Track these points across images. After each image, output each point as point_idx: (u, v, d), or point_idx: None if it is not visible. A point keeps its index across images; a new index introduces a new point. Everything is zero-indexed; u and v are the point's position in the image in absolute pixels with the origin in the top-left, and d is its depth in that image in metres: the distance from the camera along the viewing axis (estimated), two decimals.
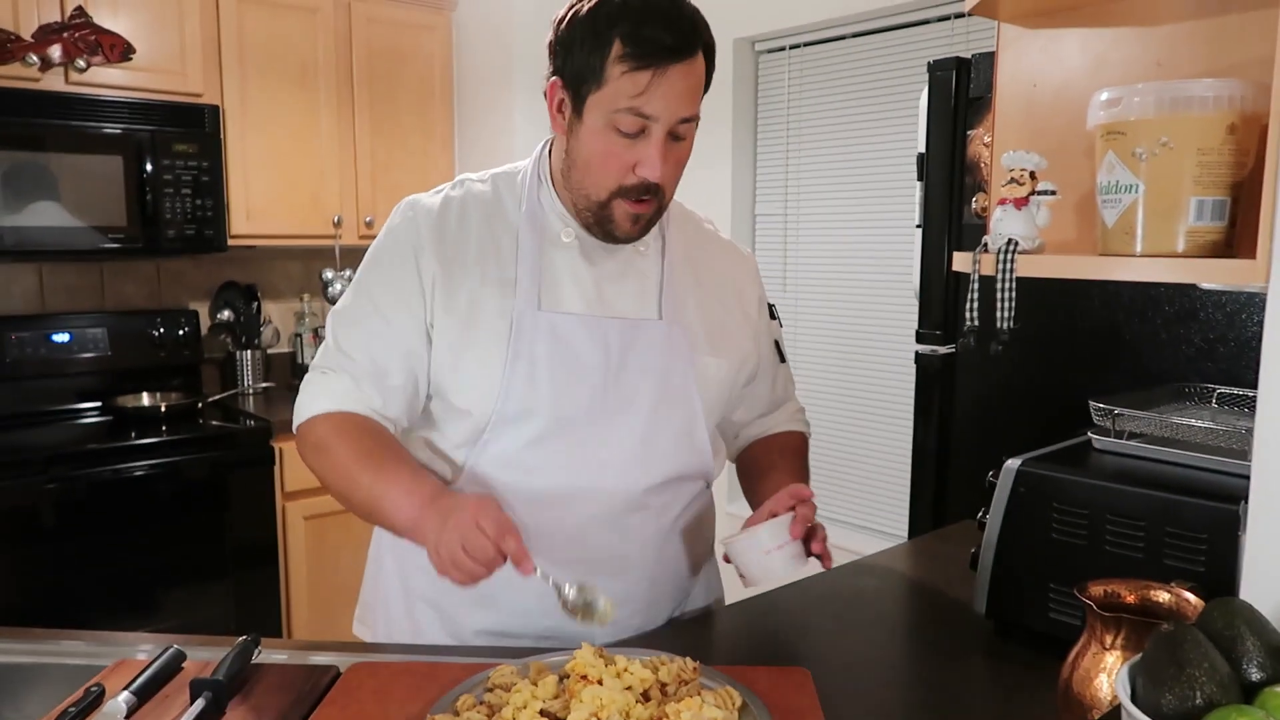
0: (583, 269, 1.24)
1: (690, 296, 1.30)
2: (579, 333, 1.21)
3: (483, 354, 1.20)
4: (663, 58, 1.07)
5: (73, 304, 3.07)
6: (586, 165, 1.16)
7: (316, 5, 3.12)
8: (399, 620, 1.34)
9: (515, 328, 1.19)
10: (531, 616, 1.24)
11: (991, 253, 1.04)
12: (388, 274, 1.24)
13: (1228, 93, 0.91)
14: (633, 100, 1.08)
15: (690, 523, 1.34)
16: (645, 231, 1.21)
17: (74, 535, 2.55)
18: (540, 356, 1.20)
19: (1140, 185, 0.94)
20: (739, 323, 1.35)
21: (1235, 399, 1.40)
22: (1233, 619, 0.78)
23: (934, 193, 2.09)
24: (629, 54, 1.07)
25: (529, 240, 1.23)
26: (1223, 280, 1.19)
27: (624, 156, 1.12)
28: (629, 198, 1.15)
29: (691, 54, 1.09)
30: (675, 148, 1.14)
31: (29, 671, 1.15)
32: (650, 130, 1.10)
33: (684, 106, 1.10)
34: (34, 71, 2.61)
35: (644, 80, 1.07)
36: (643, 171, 1.12)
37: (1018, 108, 1.20)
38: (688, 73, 1.09)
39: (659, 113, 1.09)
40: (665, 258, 1.29)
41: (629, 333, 1.23)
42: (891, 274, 3.06)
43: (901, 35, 2.98)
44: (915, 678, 1.23)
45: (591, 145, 1.14)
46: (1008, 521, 1.23)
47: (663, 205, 1.19)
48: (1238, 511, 1.03)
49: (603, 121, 1.11)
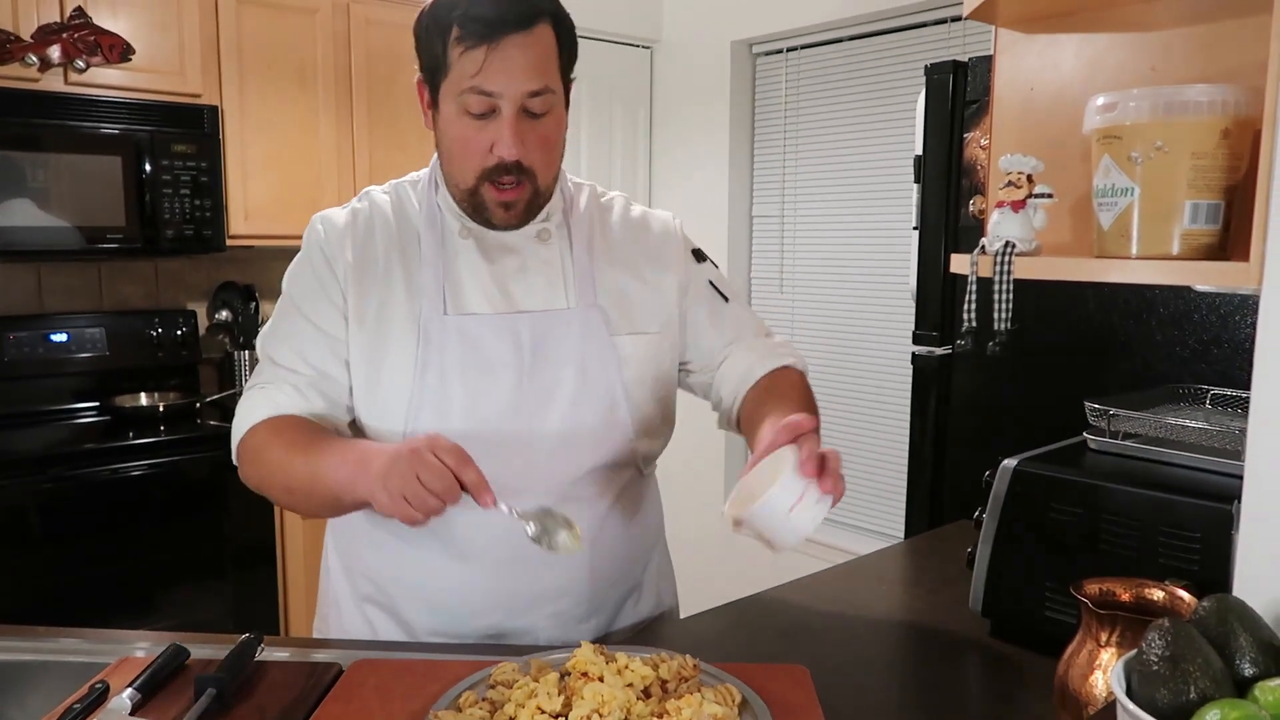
0: (483, 269, 1.22)
1: (602, 278, 1.27)
2: (487, 334, 1.20)
3: (395, 365, 1.20)
4: (493, 31, 1.07)
5: (71, 304, 3.07)
6: (449, 154, 1.17)
7: (315, 7, 3.12)
8: (353, 621, 1.33)
9: (423, 335, 1.19)
10: (478, 615, 1.24)
11: (989, 255, 1.05)
12: (308, 284, 1.25)
13: (1221, 98, 0.92)
14: (473, 79, 1.09)
15: (627, 508, 1.31)
16: (525, 218, 1.20)
17: (72, 535, 2.55)
18: (451, 364, 1.19)
19: (1136, 188, 0.95)
20: (659, 291, 1.31)
21: (1229, 400, 1.41)
22: (1226, 615, 0.79)
23: (931, 195, 2.11)
24: (463, 34, 1.08)
25: (429, 244, 1.23)
26: (1217, 282, 1.20)
27: (478, 139, 1.12)
28: (493, 181, 1.14)
29: (525, 25, 1.09)
30: (534, 125, 1.13)
31: (32, 669, 1.15)
32: (499, 108, 1.10)
33: (527, 79, 1.09)
34: (33, 72, 2.61)
35: (479, 57, 1.08)
36: (499, 151, 1.11)
37: (1015, 111, 1.21)
38: (526, 44, 1.09)
39: (501, 88, 1.09)
40: (572, 242, 1.27)
41: (540, 326, 1.21)
42: (888, 275, 3.07)
43: (898, 38, 2.99)
44: (912, 675, 1.24)
45: (449, 133, 1.15)
46: (1004, 521, 1.25)
47: (539, 189, 1.18)
48: (1231, 511, 1.04)
49: (455, 107, 1.12)
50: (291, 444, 1.16)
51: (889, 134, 3.03)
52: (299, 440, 1.17)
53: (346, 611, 1.34)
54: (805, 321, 3.35)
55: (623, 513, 1.31)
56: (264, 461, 1.19)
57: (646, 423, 1.30)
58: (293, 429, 1.19)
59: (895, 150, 3.00)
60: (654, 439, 1.33)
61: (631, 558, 1.35)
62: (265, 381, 1.24)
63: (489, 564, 1.23)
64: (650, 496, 1.39)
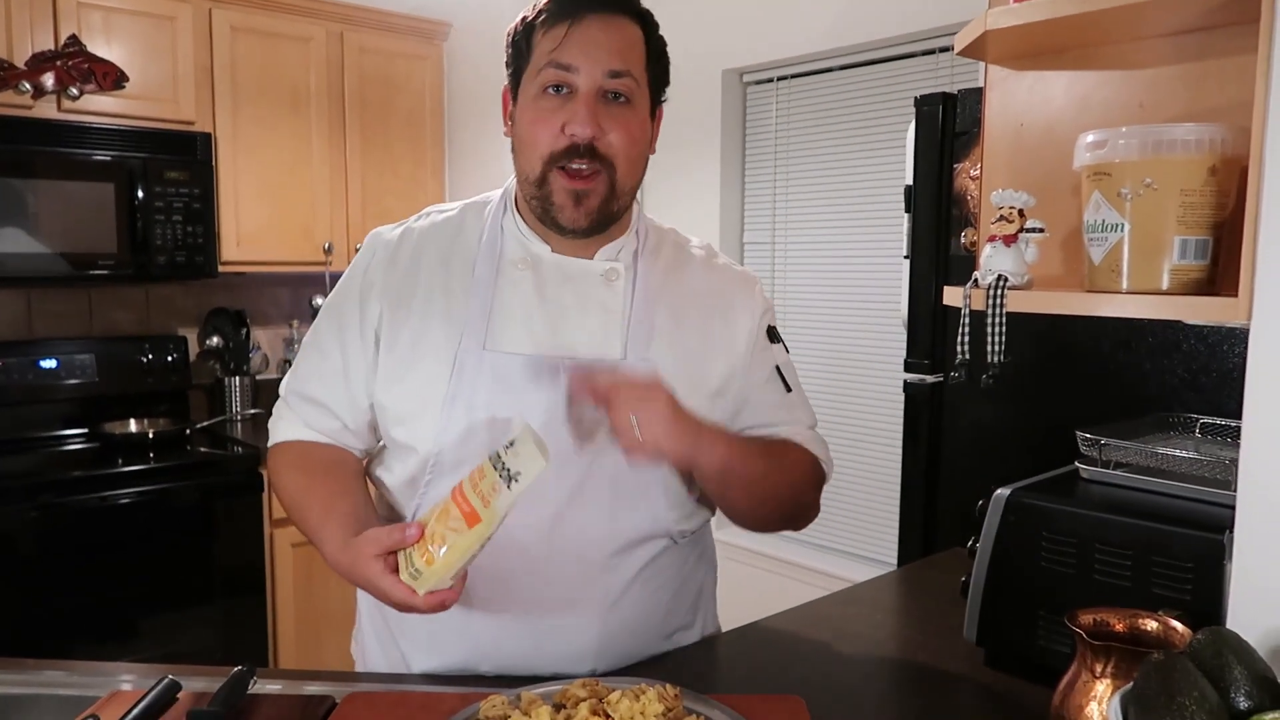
0: (535, 303, 1.16)
1: (663, 332, 1.19)
2: (521, 374, 1.14)
3: (421, 395, 1.16)
4: (576, 8, 1.08)
5: (60, 330, 3.06)
6: (522, 141, 1.14)
7: (309, 34, 3.14)
8: (373, 651, 1.32)
9: (457, 368, 1.14)
10: (484, 653, 1.21)
11: (982, 288, 1.07)
12: (340, 312, 1.24)
13: (1209, 136, 0.94)
14: (551, 54, 1.08)
15: (654, 574, 1.23)
16: (597, 220, 1.13)
17: (60, 562, 2.53)
18: (479, 401, 1.14)
19: (1126, 224, 0.96)
20: (725, 355, 1.23)
21: (1218, 429, 1.43)
22: (1221, 648, 0.80)
23: (921, 224, 2.13)
24: (546, 15, 1.10)
25: (484, 271, 1.18)
26: (1206, 317, 1.22)
27: (551, 119, 1.09)
28: (564, 169, 1.09)
29: (610, 10, 1.09)
30: (615, 109, 1.10)
31: (21, 703, 1.14)
32: (576, 86, 1.08)
33: (608, 58, 1.08)
34: (27, 99, 2.62)
35: (560, 33, 1.08)
36: (571, 128, 1.07)
37: (1005, 146, 1.23)
38: (609, 26, 1.09)
39: (578, 61, 1.07)
40: (636, 287, 1.19)
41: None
42: (879, 303, 3.09)
43: (888, 68, 3.03)
44: (906, 705, 1.24)
45: (524, 119, 1.13)
46: (998, 550, 1.25)
47: (616, 186, 1.12)
48: (1222, 540, 1.05)
49: (533, 91, 1.11)
50: (303, 487, 1.20)
51: (879, 163, 3.06)
52: (307, 486, 1.20)
53: (368, 643, 1.33)
54: (797, 348, 3.34)
55: (647, 577, 1.23)
56: (281, 490, 1.25)
57: (681, 497, 1.22)
58: (307, 464, 1.23)
59: (885, 179, 3.02)
60: (689, 517, 1.25)
61: (652, 622, 1.26)
62: (292, 390, 1.27)
63: (493, 625, 1.19)
64: (689, 564, 1.29)
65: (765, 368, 1.27)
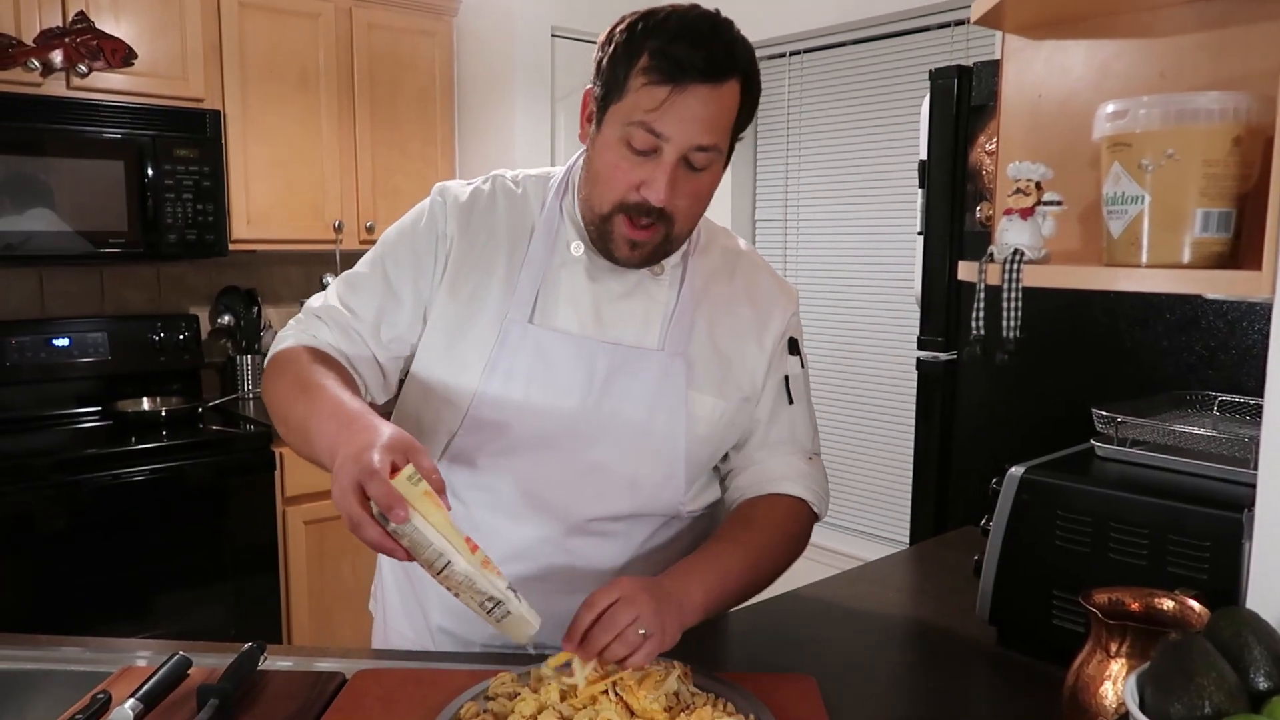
0: (584, 287, 1.20)
1: (702, 329, 1.23)
2: (563, 353, 1.17)
3: (464, 357, 1.18)
4: (685, 75, 1.03)
5: (73, 309, 3.07)
6: (595, 176, 1.13)
7: (317, 11, 3.12)
8: (394, 606, 1.35)
9: (502, 336, 1.17)
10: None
11: (998, 263, 1.05)
12: (405, 251, 1.23)
13: (1233, 105, 0.91)
14: (646, 114, 1.05)
15: (661, 554, 1.25)
16: (647, 262, 1.16)
17: (73, 540, 2.55)
18: (519, 373, 1.17)
19: (1146, 196, 0.94)
20: (751, 362, 1.26)
21: (1236, 406, 1.41)
22: (1239, 628, 0.78)
23: (935, 200, 2.10)
24: (653, 66, 1.04)
25: (539, 248, 1.20)
26: (1228, 291, 1.20)
27: (631, 174, 1.08)
28: (630, 217, 1.10)
29: (718, 78, 1.05)
30: (691, 178, 1.09)
31: (33, 678, 1.15)
32: (662, 151, 1.06)
33: (701, 133, 1.06)
34: (35, 76, 2.61)
35: (661, 95, 1.04)
36: (646, 192, 1.08)
37: (1022, 118, 1.20)
38: (711, 98, 1.05)
39: (672, 133, 1.05)
40: (683, 284, 1.23)
41: (619, 359, 1.18)
42: (893, 280, 3.07)
43: (901, 42, 2.99)
44: (919, 685, 1.23)
45: (604, 157, 1.11)
46: (1011, 528, 1.24)
47: (671, 236, 1.13)
48: (1240, 519, 1.03)
49: (618, 134, 1.08)
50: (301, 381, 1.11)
51: (892, 138, 3.02)
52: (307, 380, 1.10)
53: (390, 598, 1.34)
54: (809, 327, 3.34)
55: (654, 557, 1.25)
56: (274, 386, 1.15)
57: (698, 485, 1.27)
58: (310, 363, 1.14)
59: (899, 154, 2.99)
60: (698, 499, 1.29)
61: None
62: (316, 313, 1.22)
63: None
64: (700, 538, 1.28)
65: (775, 375, 1.29)
